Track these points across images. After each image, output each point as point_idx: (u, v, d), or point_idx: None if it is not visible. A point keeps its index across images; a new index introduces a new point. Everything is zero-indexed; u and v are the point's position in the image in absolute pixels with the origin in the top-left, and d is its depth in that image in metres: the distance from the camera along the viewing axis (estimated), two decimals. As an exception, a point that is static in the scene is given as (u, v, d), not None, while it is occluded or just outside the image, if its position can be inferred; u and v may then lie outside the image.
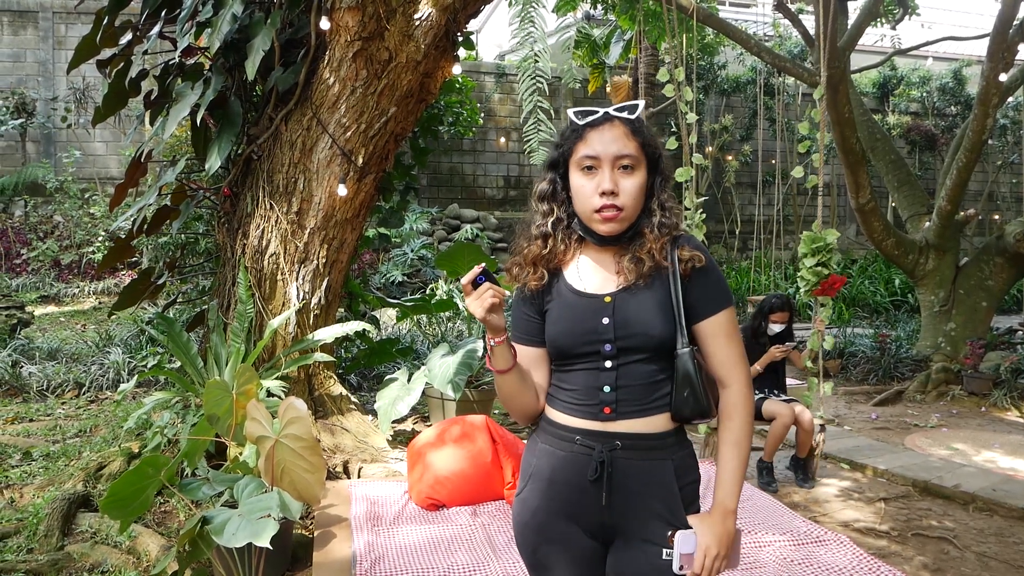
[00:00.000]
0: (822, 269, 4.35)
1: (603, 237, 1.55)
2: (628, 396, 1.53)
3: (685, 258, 1.54)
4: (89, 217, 11.53)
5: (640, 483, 1.52)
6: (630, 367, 1.53)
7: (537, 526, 1.58)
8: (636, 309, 1.53)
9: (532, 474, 1.61)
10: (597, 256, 1.60)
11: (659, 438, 1.54)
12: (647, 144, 1.54)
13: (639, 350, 1.52)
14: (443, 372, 4.59)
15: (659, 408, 1.54)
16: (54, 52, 12.83)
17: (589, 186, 1.52)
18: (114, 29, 4.71)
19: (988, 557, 3.60)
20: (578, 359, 1.55)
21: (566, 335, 1.55)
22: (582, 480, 1.52)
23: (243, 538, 2.14)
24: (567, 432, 1.56)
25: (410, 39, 4.23)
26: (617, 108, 1.55)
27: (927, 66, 17.93)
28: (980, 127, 7.26)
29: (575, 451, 1.54)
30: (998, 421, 6.33)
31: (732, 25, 8.30)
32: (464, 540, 3.28)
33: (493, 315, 1.47)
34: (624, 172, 1.51)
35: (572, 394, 1.57)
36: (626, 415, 1.53)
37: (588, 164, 1.52)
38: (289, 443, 2.46)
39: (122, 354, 6.72)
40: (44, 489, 4.00)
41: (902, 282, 12.26)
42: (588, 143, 1.52)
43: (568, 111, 1.61)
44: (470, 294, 1.47)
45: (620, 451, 1.52)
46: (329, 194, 4.42)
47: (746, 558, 3.14)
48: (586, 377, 1.55)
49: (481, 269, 1.46)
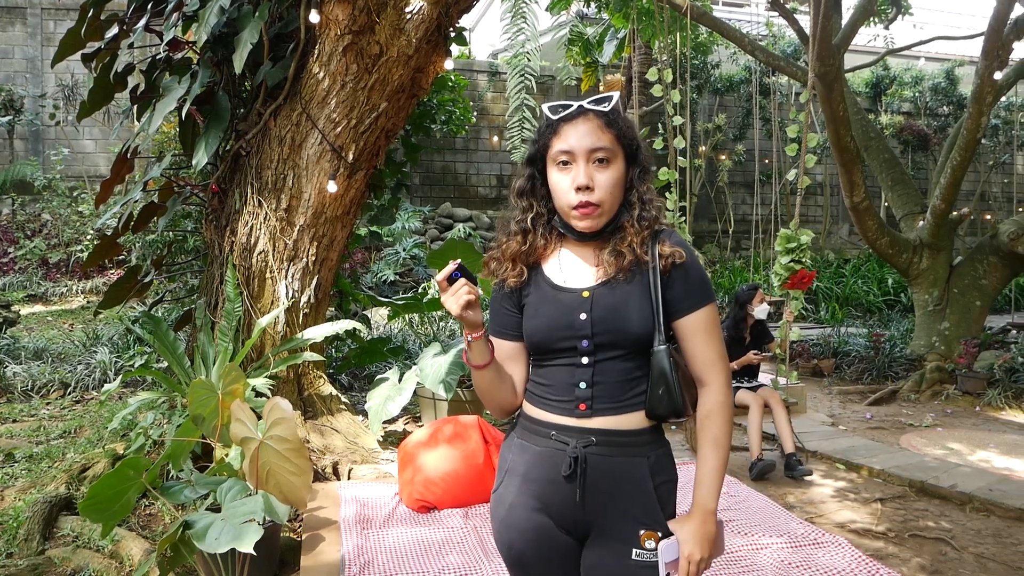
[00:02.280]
0: (794, 265, 4.49)
1: (582, 232, 1.53)
2: (604, 393, 1.51)
3: (666, 253, 1.51)
4: (77, 215, 11.41)
5: (614, 480, 1.50)
6: (607, 364, 1.51)
7: (512, 521, 1.56)
8: (614, 305, 1.50)
9: (508, 469, 1.59)
10: (577, 250, 1.58)
11: (634, 435, 1.52)
12: (623, 136, 1.52)
13: (616, 347, 1.50)
14: (435, 372, 4.53)
15: (635, 406, 1.52)
16: (42, 48, 12.70)
17: (565, 181, 1.50)
18: (99, 22, 4.63)
19: (986, 558, 3.56)
20: (555, 354, 1.54)
21: (543, 330, 1.53)
22: (556, 476, 1.50)
23: (226, 543, 2.07)
24: (543, 427, 1.54)
25: (401, 33, 4.17)
26: (591, 100, 1.52)
27: (919, 66, 17.95)
28: (975, 125, 7.23)
29: (550, 447, 1.53)
30: (993, 420, 6.30)
31: (726, 24, 8.26)
32: (456, 543, 3.22)
33: (469, 311, 1.45)
34: (599, 166, 1.49)
35: (548, 389, 1.55)
36: (602, 412, 1.51)
37: (563, 159, 1.50)
38: (274, 445, 2.39)
39: (109, 353, 6.62)
40: (26, 492, 3.91)
41: (895, 281, 12.25)
42: (562, 137, 1.50)
43: (543, 106, 1.58)
44: (445, 291, 1.45)
45: (595, 447, 1.50)
46: (319, 191, 4.35)
47: (743, 561, 3.09)
48: (562, 373, 1.53)
49: (456, 265, 1.44)
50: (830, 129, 7.27)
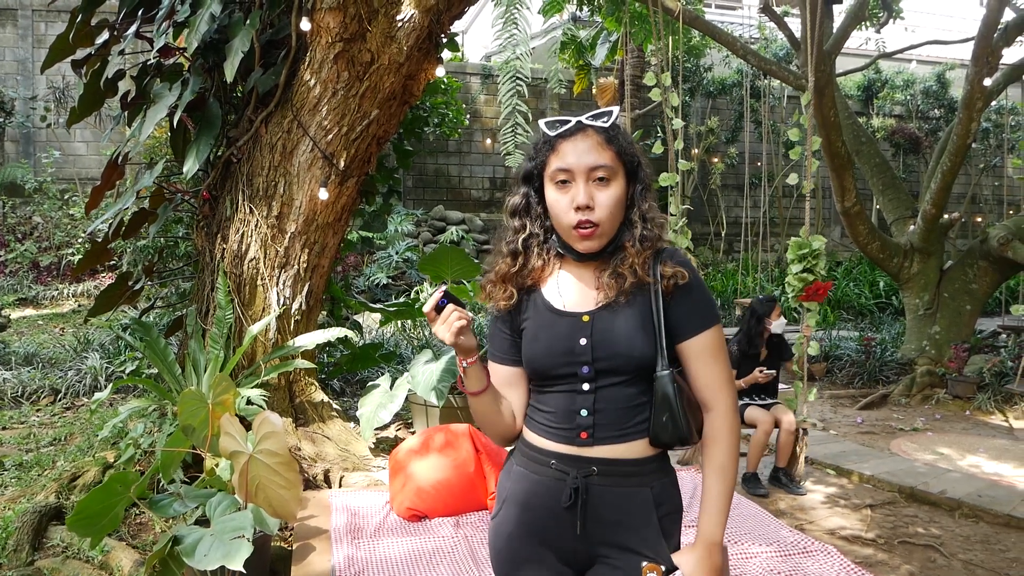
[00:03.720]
0: (807, 275, 4.36)
1: (582, 253, 1.48)
2: (606, 421, 1.45)
3: (668, 274, 1.46)
4: (69, 218, 11.37)
5: (616, 511, 1.45)
6: (609, 390, 1.46)
7: (511, 553, 1.52)
8: (615, 329, 1.45)
9: (507, 498, 1.54)
10: (577, 271, 1.52)
11: (638, 464, 1.47)
12: (624, 152, 1.47)
13: (618, 372, 1.45)
14: (427, 379, 4.52)
15: (639, 433, 1.46)
16: (33, 51, 12.65)
17: (564, 201, 1.44)
18: (89, 28, 4.61)
19: (975, 565, 3.58)
20: (555, 380, 1.48)
21: (542, 356, 1.48)
22: (556, 506, 1.46)
23: (215, 560, 2.07)
24: (543, 456, 1.49)
25: (392, 41, 4.17)
26: (591, 116, 1.47)
27: (911, 69, 18.03)
28: (964, 131, 7.27)
29: (550, 475, 1.48)
30: (982, 425, 6.34)
31: (718, 28, 8.28)
32: (446, 552, 3.22)
33: (462, 337, 1.40)
34: (600, 184, 1.44)
35: (548, 416, 1.50)
36: (604, 440, 1.45)
37: (562, 178, 1.44)
38: (264, 459, 2.39)
39: (100, 359, 6.60)
40: (16, 501, 3.90)
41: (887, 284, 12.30)
42: (561, 155, 1.45)
43: (540, 122, 1.53)
44: (434, 321, 1.40)
45: (596, 477, 1.45)
46: (310, 198, 4.35)
47: (733, 570, 3.09)
48: (563, 400, 1.47)
49: (442, 292, 1.39)
50: (821, 134, 7.30)
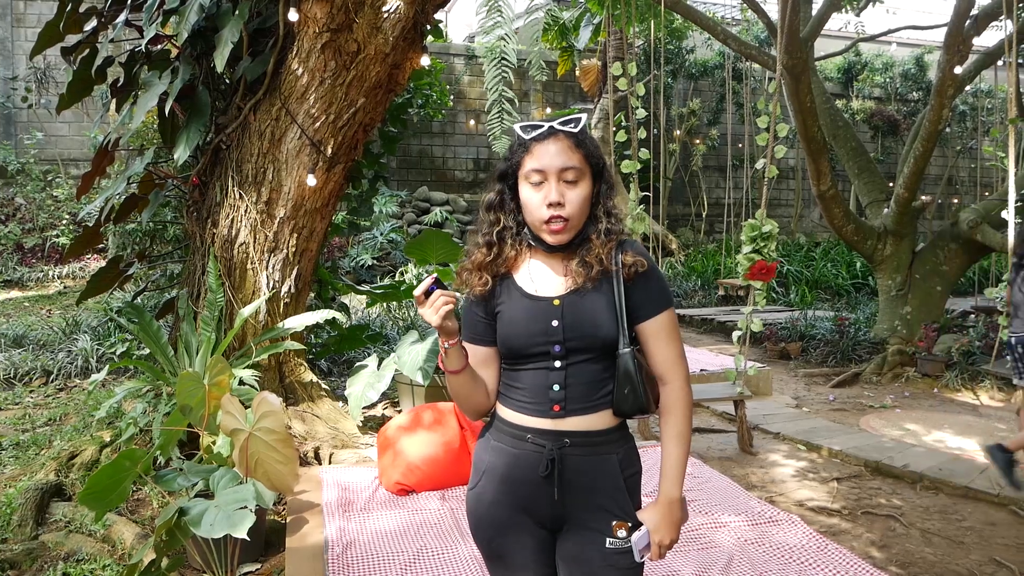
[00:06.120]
0: (755, 255, 4.58)
1: (552, 245, 1.64)
2: (576, 394, 1.62)
3: (629, 263, 1.63)
4: (52, 200, 11.36)
5: (588, 477, 1.63)
6: (578, 367, 1.62)
7: (492, 519, 1.69)
8: (583, 311, 1.62)
9: (485, 471, 1.71)
10: (547, 260, 1.69)
11: (605, 434, 1.65)
12: (591, 155, 1.63)
13: (586, 350, 1.62)
14: (412, 359, 4.67)
15: (603, 405, 1.64)
16: (13, 30, 12.52)
17: (537, 198, 1.60)
18: (78, 15, 4.67)
19: (931, 533, 3.79)
20: (529, 359, 1.64)
21: (518, 336, 1.64)
22: (534, 476, 1.63)
23: (221, 529, 2.23)
24: (519, 430, 1.66)
25: (378, 31, 4.27)
26: (561, 121, 1.63)
27: (891, 52, 18.21)
28: (936, 117, 7.45)
29: (528, 449, 1.64)
30: (949, 402, 6.58)
31: (699, 11, 8.40)
32: (433, 524, 3.39)
33: (447, 321, 1.54)
34: (569, 184, 1.60)
35: (523, 393, 1.66)
36: (574, 412, 1.62)
37: (536, 179, 1.60)
38: (263, 436, 2.54)
39: (90, 341, 6.69)
40: (16, 479, 4.02)
41: (863, 265, 12.54)
42: (535, 156, 1.61)
43: (515, 126, 1.70)
44: (422, 304, 1.54)
45: (569, 448, 1.62)
46: (298, 184, 4.46)
47: (704, 539, 3.29)
48: (536, 376, 1.64)
49: (433, 279, 1.53)
50: (797, 120, 7.46)
